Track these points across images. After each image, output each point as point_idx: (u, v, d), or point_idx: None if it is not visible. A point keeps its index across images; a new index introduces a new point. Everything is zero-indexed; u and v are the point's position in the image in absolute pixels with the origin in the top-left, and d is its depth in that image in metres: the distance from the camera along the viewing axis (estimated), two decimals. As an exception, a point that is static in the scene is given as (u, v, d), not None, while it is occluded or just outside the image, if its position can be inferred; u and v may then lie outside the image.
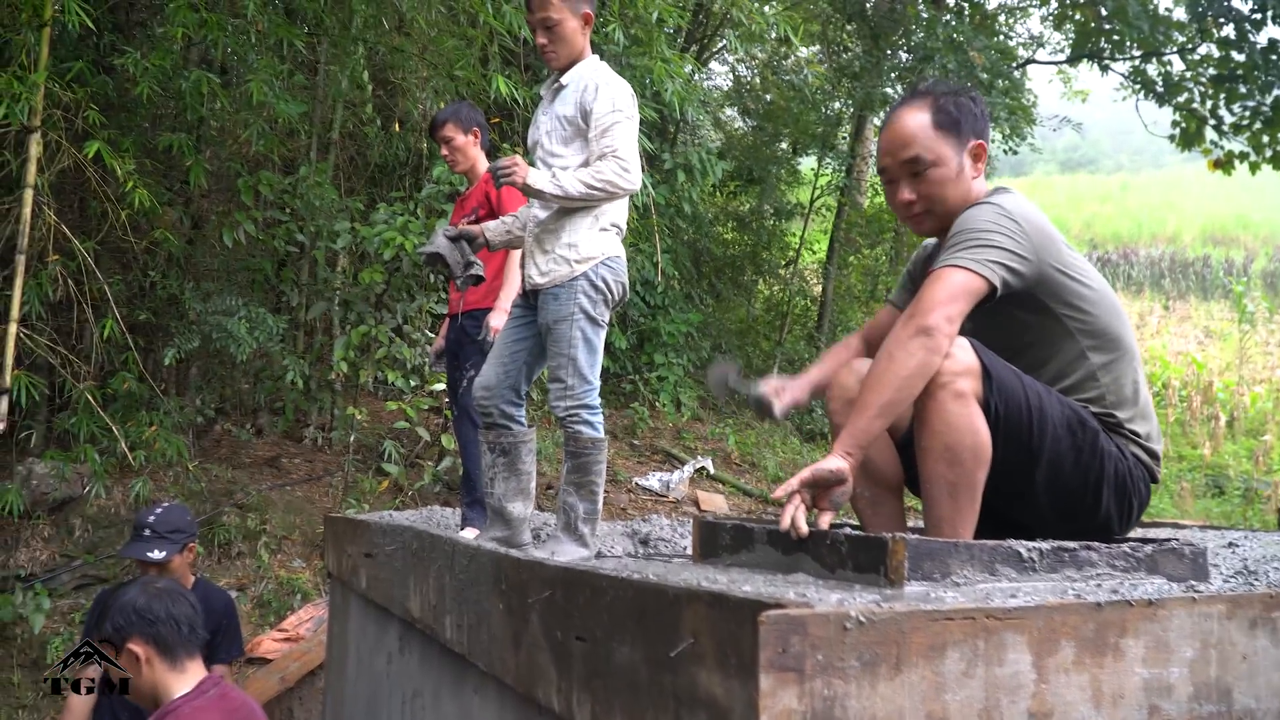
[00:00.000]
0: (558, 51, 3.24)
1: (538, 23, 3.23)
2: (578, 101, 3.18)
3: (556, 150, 3.24)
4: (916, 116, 2.29)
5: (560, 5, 3.20)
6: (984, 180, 2.36)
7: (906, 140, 2.29)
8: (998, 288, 2.08)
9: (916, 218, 2.35)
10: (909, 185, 2.31)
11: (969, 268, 2.07)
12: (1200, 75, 13.21)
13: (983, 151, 2.31)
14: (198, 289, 7.48)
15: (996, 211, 2.15)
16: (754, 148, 14.46)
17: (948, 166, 2.28)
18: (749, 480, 10.25)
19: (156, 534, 3.88)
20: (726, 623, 1.34)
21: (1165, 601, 1.51)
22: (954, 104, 2.29)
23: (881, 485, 2.32)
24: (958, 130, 2.29)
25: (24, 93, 5.51)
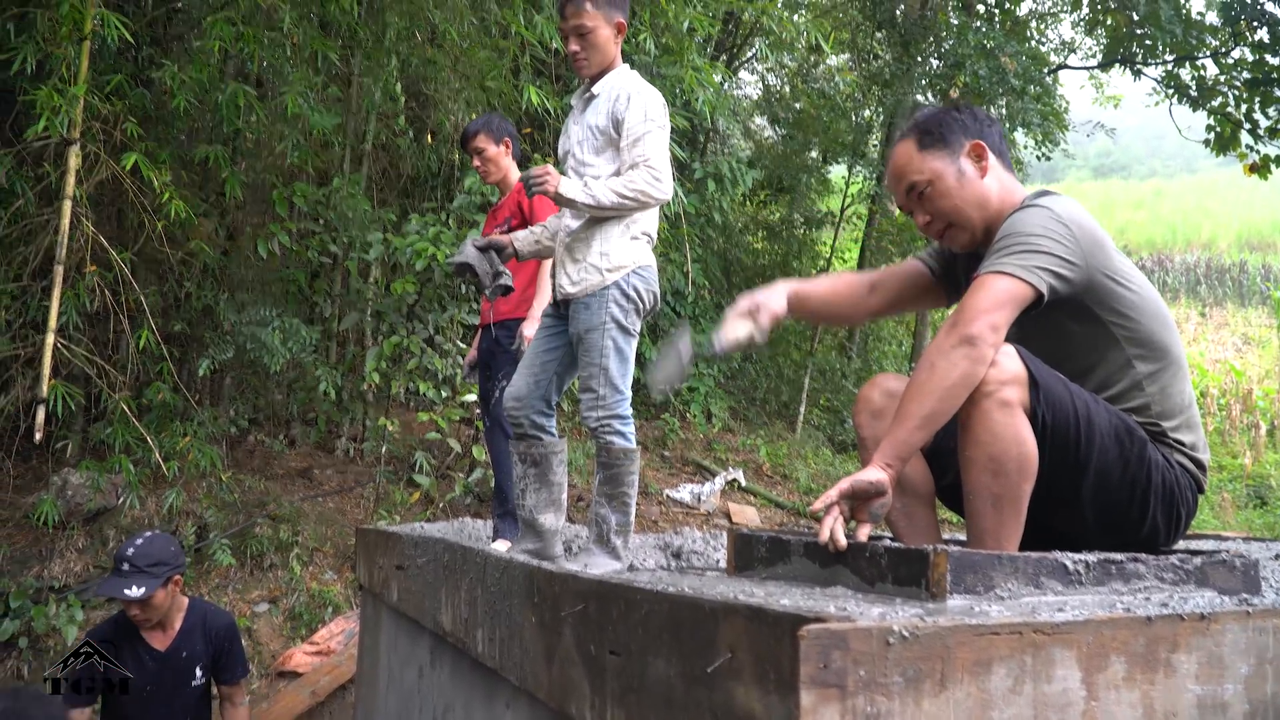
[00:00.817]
0: (589, 59, 3.23)
1: (570, 30, 3.22)
2: (609, 111, 3.17)
3: (588, 159, 3.23)
4: (904, 149, 2.34)
5: (594, 12, 3.19)
6: (1009, 175, 2.33)
7: (899, 174, 2.34)
8: (1044, 295, 2.04)
9: (944, 235, 2.36)
10: (920, 210, 2.34)
11: (1014, 274, 2.03)
12: (1234, 79, 13.05)
13: (983, 150, 2.29)
14: (232, 300, 7.54)
15: (1046, 215, 2.11)
16: (784, 156, 14.43)
17: (945, 178, 2.29)
18: (781, 492, 10.19)
19: (136, 568, 3.68)
20: (765, 637, 1.31)
21: (1218, 615, 1.46)
22: (935, 122, 2.32)
23: (912, 496, 2.28)
24: (945, 143, 2.30)
25: (64, 106, 5.57)
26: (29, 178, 6.29)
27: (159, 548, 3.78)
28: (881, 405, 2.27)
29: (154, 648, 3.88)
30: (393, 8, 7.22)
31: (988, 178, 2.30)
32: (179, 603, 3.95)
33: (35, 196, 6.28)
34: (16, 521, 6.69)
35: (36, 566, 6.46)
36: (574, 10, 3.20)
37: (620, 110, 3.14)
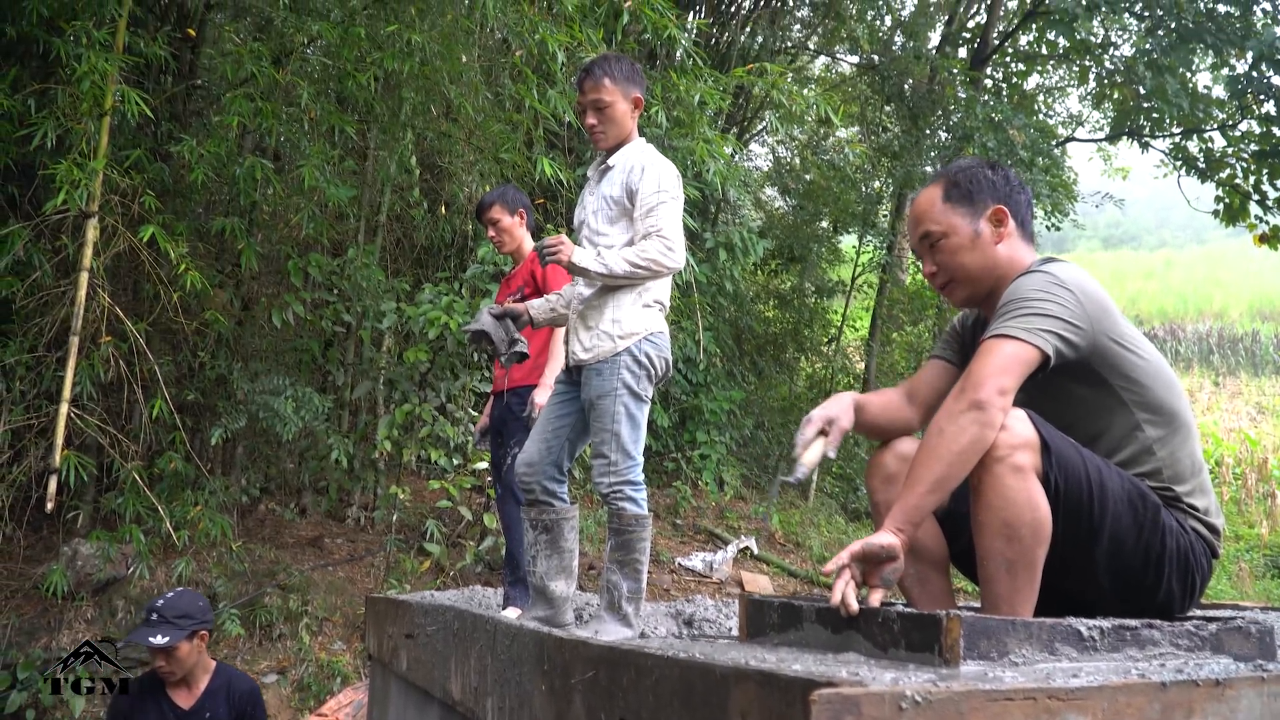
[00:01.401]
0: (606, 132, 3.30)
1: (589, 104, 3.29)
2: (624, 182, 3.23)
3: (602, 229, 3.28)
4: (929, 195, 2.37)
5: (612, 88, 3.28)
6: (1025, 246, 2.35)
7: (919, 218, 2.37)
8: (1051, 357, 2.04)
9: (945, 289, 2.39)
10: (929, 258, 2.37)
11: (1020, 337, 2.03)
12: (1242, 151, 13.17)
13: (1004, 216, 2.31)
14: (246, 369, 7.59)
15: (1048, 280, 2.13)
16: (794, 226, 14.56)
17: (960, 235, 2.31)
18: (793, 560, 10.09)
19: (164, 619, 3.84)
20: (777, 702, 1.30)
21: (1233, 681, 1.44)
22: (966, 176, 2.33)
23: (926, 561, 2.27)
24: (970, 200, 2.32)
25: (83, 179, 5.68)
26: (47, 250, 6.39)
27: (187, 602, 3.94)
28: (895, 470, 2.26)
29: (178, 705, 3.99)
30: (409, 84, 7.38)
31: (1003, 244, 2.32)
32: (205, 662, 4.05)
33: (52, 268, 6.37)
34: (25, 592, 6.66)
35: (45, 638, 6.42)
36: (592, 85, 3.28)
37: (635, 181, 3.20)
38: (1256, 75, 12.20)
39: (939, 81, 13.27)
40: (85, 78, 5.68)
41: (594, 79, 3.30)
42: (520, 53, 7.07)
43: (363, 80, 6.81)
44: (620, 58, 3.41)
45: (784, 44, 14.80)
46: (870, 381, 13.95)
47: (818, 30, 15.31)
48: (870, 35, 14.25)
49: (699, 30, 10.22)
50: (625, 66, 3.35)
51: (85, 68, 5.66)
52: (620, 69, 3.32)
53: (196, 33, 7.95)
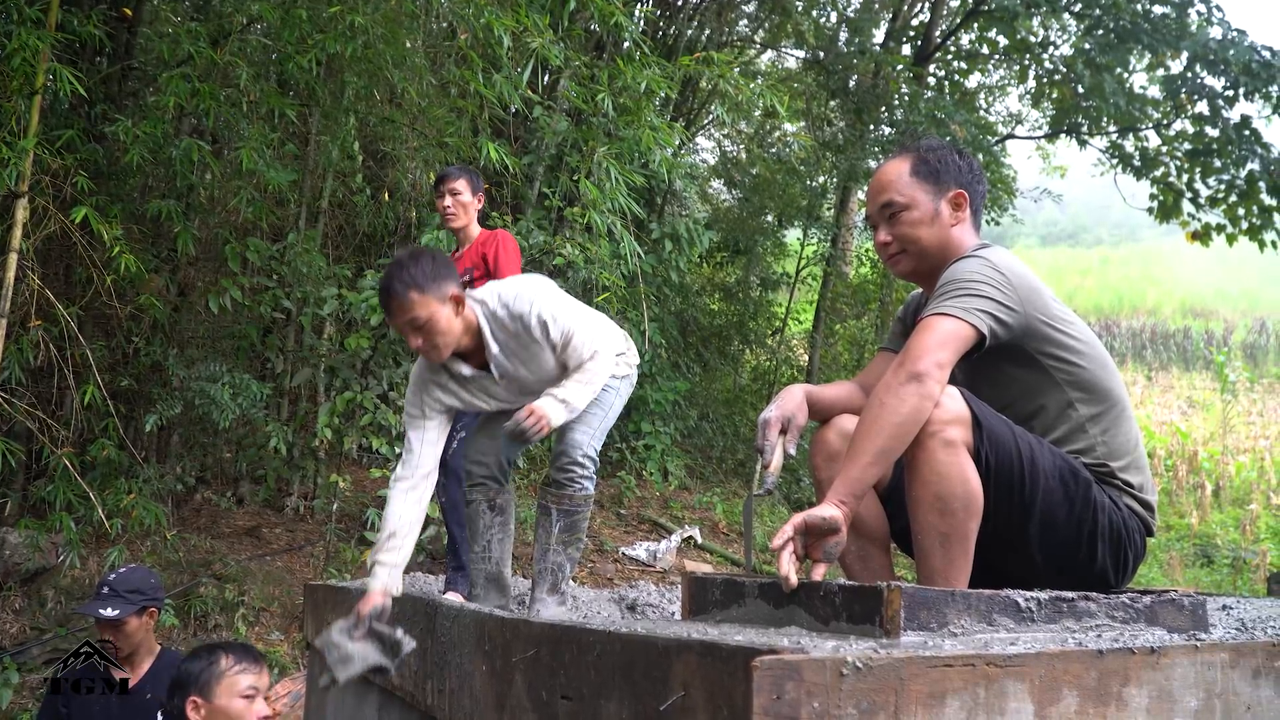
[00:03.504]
0: (439, 345, 2.94)
1: (405, 325, 2.90)
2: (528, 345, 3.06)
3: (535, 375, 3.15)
4: (897, 166, 2.39)
5: (422, 299, 2.86)
6: (973, 233, 2.38)
7: (883, 186, 2.39)
8: (986, 336, 2.08)
9: (893, 259, 2.41)
10: (885, 228, 2.39)
11: (957, 315, 2.07)
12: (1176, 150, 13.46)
13: (963, 200, 2.35)
14: (181, 355, 7.44)
15: (983, 263, 2.17)
16: (740, 220, 14.61)
17: (920, 210, 2.34)
18: (737, 550, 10.14)
19: (114, 593, 3.79)
20: (718, 672, 1.29)
21: (1168, 650, 1.47)
22: (936, 155, 2.36)
23: (867, 538, 2.29)
24: (936, 178, 2.35)
25: (12, 159, 5.53)
26: (-28, 231, 6.21)
27: (139, 578, 3.90)
28: (837, 448, 2.27)
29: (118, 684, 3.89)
30: (351, 67, 7.27)
31: (957, 228, 2.36)
32: (150, 643, 3.98)
33: (-21, 249, 6.19)
34: (-49, 582, 6.48)
35: (-30, 628, 6.25)
36: (399, 306, 2.87)
37: (540, 337, 3.02)
38: (1190, 76, 12.47)
39: (883, 77, 13.38)
40: (15, 55, 5.52)
41: (398, 298, 2.85)
42: (466, 36, 7.00)
43: (304, 63, 6.69)
44: (416, 256, 2.97)
45: (730, 38, 14.83)
46: (814, 373, 14.05)
47: (764, 25, 15.37)
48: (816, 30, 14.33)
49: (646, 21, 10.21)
50: (426, 265, 2.89)
51: (15, 44, 5.51)
52: (421, 271, 2.87)
53: (133, 12, 7.76)
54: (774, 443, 2.27)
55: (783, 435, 2.28)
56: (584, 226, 7.59)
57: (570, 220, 8.08)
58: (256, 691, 2.93)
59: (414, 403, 3.15)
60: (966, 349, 2.07)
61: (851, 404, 2.42)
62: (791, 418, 2.27)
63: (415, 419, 3.13)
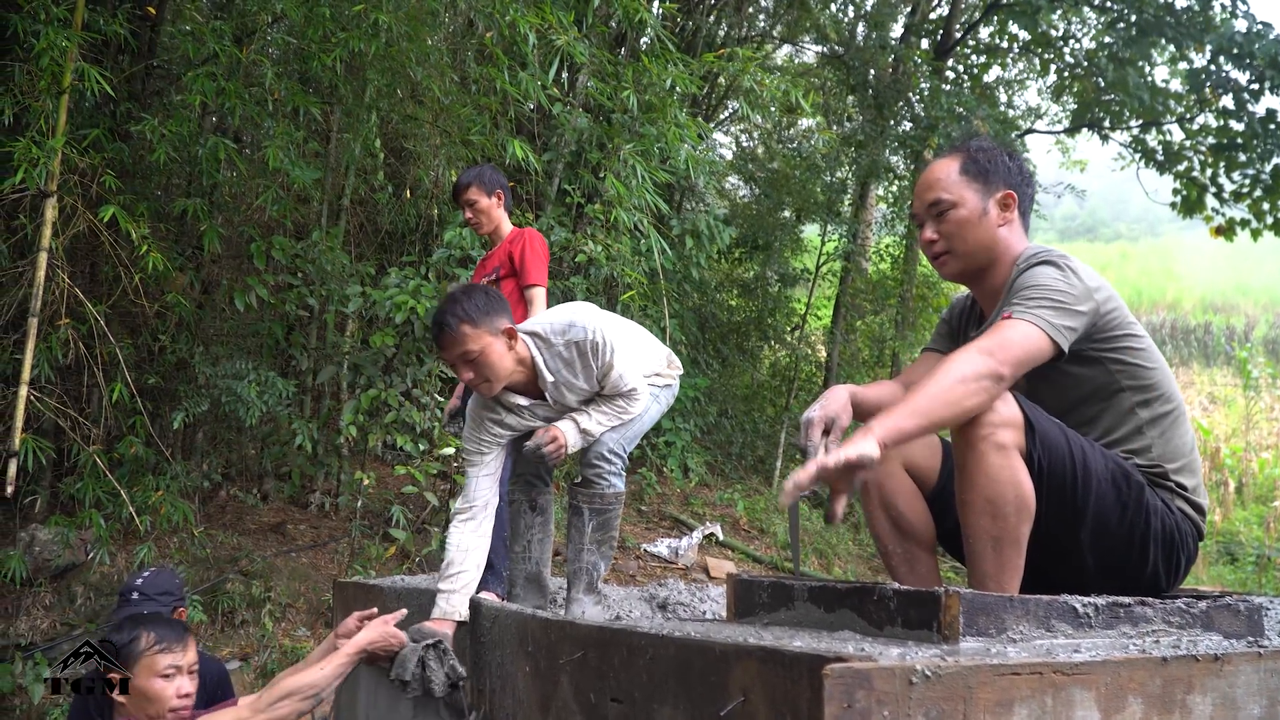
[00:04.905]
0: (491, 379, 2.97)
1: (458, 359, 2.94)
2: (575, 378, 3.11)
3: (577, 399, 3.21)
4: (946, 164, 2.39)
5: (475, 333, 2.89)
6: (1022, 234, 2.37)
7: (931, 184, 2.37)
8: (1064, 354, 2.09)
9: (940, 259, 2.40)
10: (931, 226, 2.38)
11: (1045, 330, 2.07)
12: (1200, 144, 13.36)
13: (1012, 201, 2.34)
14: (207, 353, 7.47)
15: (1062, 274, 2.17)
16: (758, 216, 14.57)
17: (968, 208, 2.33)
18: (758, 547, 10.14)
19: (146, 596, 3.75)
20: (781, 679, 1.29)
21: (1231, 657, 1.46)
22: (986, 155, 2.35)
23: (913, 541, 2.28)
24: (985, 178, 2.34)
25: (42, 158, 5.56)
26: (3, 230, 6.25)
27: (165, 579, 3.86)
28: None
29: None
30: (374, 65, 7.28)
31: (1005, 228, 2.35)
32: None
33: (9, 249, 6.23)
34: (-18, 578, 6.53)
35: (2, 624, 6.30)
36: (451, 340, 2.91)
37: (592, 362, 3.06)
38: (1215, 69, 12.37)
39: (904, 72, 13.32)
40: (43, 54, 5.55)
41: (450, 332, 2.88)
42: (491, 34, 7.00)
43: (327, 61, 6.70)
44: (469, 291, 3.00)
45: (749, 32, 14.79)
46: (833, 370, 14.02)
47: (782, 19, 15.32)
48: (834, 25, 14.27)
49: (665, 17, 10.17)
50: (479, 300, 2.93)
51: (43, 44, 5.54)
52: (474, 305, 2.90)
53: (157, 10, 7.79)
54: (817, 443, 2.25)
55: (826, 436, 2.26)
56: (605, 224, 7.59)
57: (591, 217, 8.08)
58: (177, 670, 2.90)
59: (472, 440, 3.20)
60: (1041, 363, 2.08)
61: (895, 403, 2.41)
62: (835, 418, 2.26)
63: (473, 455, 3.19)
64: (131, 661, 2.90)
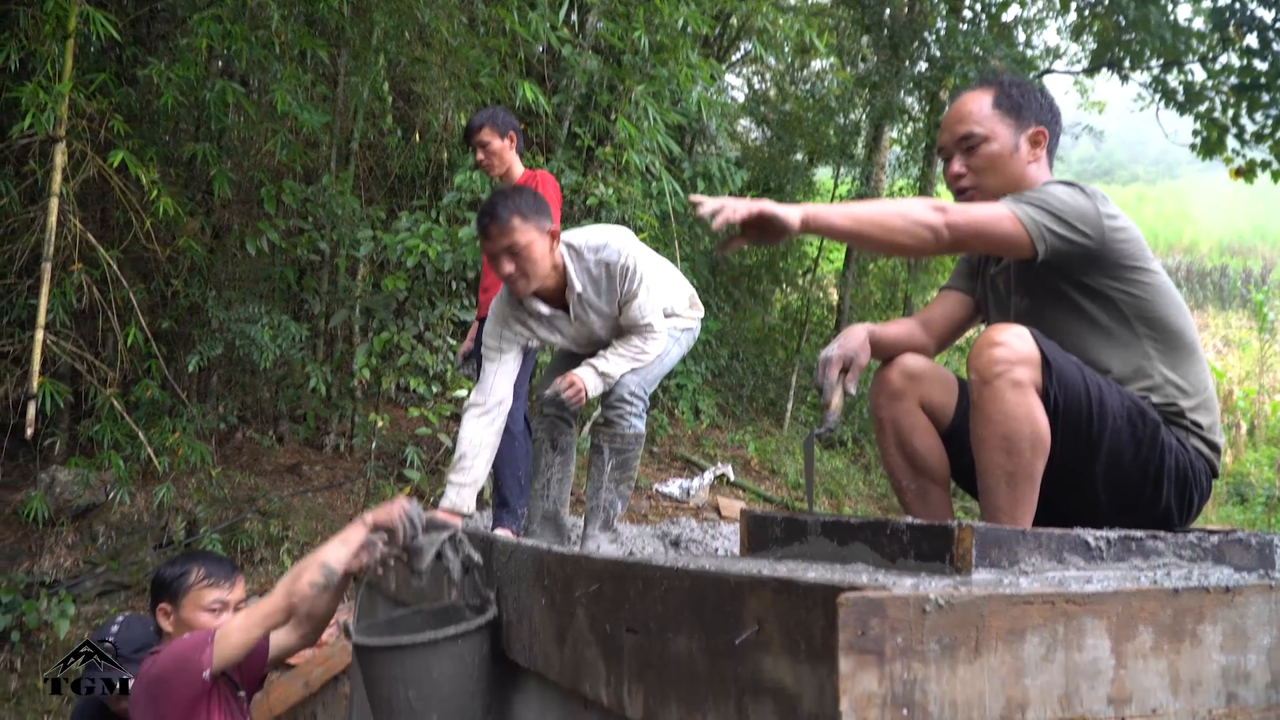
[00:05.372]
0: (529, 275, 3.04)
1: (503, 250, 2.99)
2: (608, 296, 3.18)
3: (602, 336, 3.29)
4: (978, 97, 2.35)
5: (524, 228, 2.97)
6: (1048, 173, 2.35)
7: (963, 117, 2.34)
8: (1038, 255, 2.10)
9: (965, 194, 2.36)
10: (960, 159, 2.35)
11: (1022, 221, 2.09)
12: (1221, 84, 13.13)
13: (1043, 138, 2.32)
14: (220, 297, 7.50)
15: (1072, 190, 2.16)
16: (770, 159, 14.45)
17: (1000, 143, 2.30)
18: (769, 487, 10.20)
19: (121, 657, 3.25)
20: (795, 609, 1.31)
21: (1242, 588, 1.47)
22: (1019, 90, 2.32)
23: (927, 477, 2.29)
24: (1018, 113, 2.31)
25: (49, 103, 5.54)
26: (12, 176, 6.25)
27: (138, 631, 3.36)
28: (900, 387, 2.27)
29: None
30: (380, 6, 7.20)
31: (1033, 165, 2.32)
32: None
33: (20, 195, 6.24)
34: (5, 518, 6.64)
35: (27, 562, 6.41)
36: (499, 229, 2.97)
37: (618, 285, 3.14)
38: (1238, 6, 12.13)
39: (920, 11, 13.11)
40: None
41: (500, 222, 2.95)
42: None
43: (334, 2, 6.63)
44: (521, 189, 3.12)
45: (762, -30, 14.55)
46: (845, 313, 13.98)
47: (796, -43, 15.07)
48: (849, -38, 14.03)
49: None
50: (530, 198, 3.03)
51: (47, -12, 5.50)
52: (525, 201, 3.00)
53: (162, -49, 7.71)
54: (834, 381, 2.26)
55: (843, 374, 2.27)
56: (616, 166, 7.54)
57: (602, 160, 8.03)
58: (223, 605, 2.93)
59: (493, 334, 3.26)
60: (1008, 251, 2.12)
61: (914, 343, 2.41)
62: (854, 357, 2.26)
63: (492, 350, 3.25)
64: (180, 594, 2.95)
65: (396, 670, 2.32)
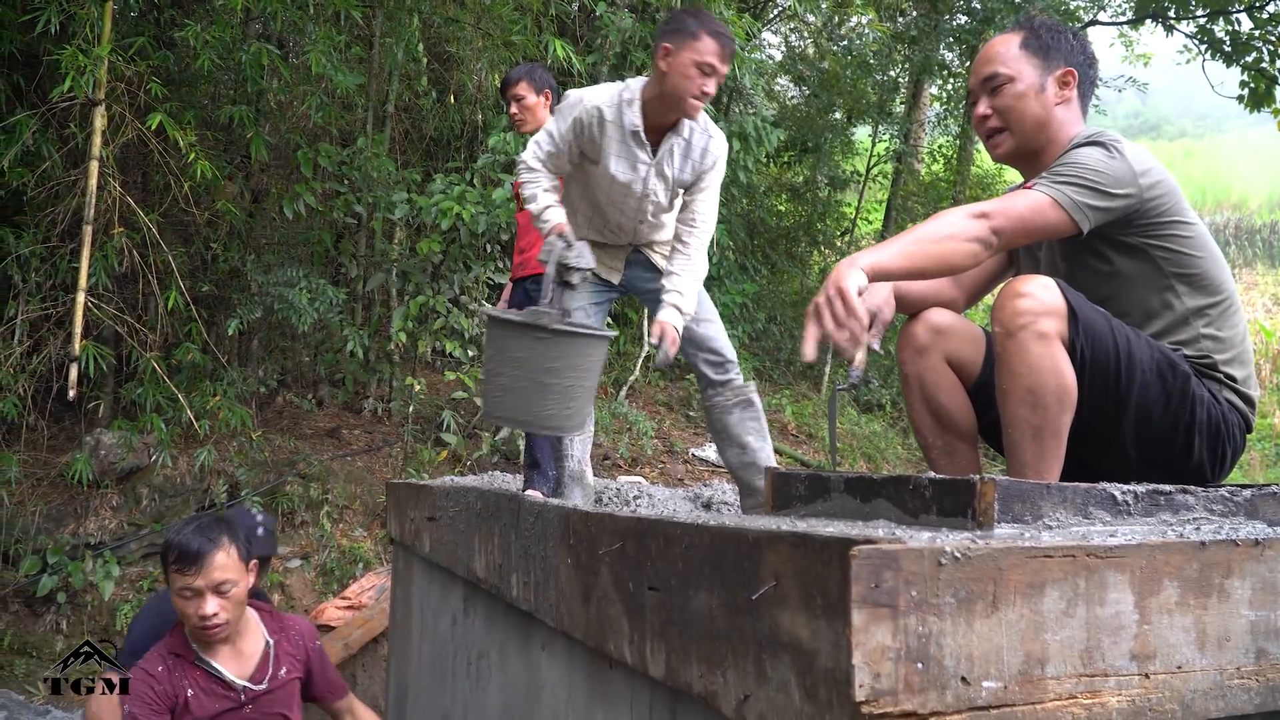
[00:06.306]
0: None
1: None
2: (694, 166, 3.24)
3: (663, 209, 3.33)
4: (1007, 39, 2.32)
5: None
6: (1079, 116, 2.29)
7: (989, 59, 2.31)
8: (1083, 233, 2.05)
9: (993, 137, 2.33)
10: (986, 101, 2.31)
11: (1063, 204, 2.03)
12: (1270, 34, 12.78)
13: (1071, 79, 2.26)
14: (259, 261, 7.56)
15: (1107, 156, 2.09)
16: (808, 117, 14.29)
17: (1025, 83, 2.26)
18: (806, 451, 10.18)
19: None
20: (812, 563, 1.29)
21: (1272, 542, 1.44)
22: (1048, 30, 2.28)
23: (954, 433, 2.26)
24: (1046, 54, 2.27)
25: (89, 66, 5.58)
26: (55, 139, 6.31)
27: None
28: (926, 341, 2.23)
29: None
30: (414, -35, 7.17)
31: (1061, 106, 2.27)
32: None
33: (62, 158, 6.31)
34: (51, 480, 6.77)
35: (72, 524, 6.55)
36: (731, 53, 3.16)
37: (703, 170, 3.23)
38: (1288, -48, 11.78)
39: (960, -38, 12.86)
40: (85, -39, 5.54)
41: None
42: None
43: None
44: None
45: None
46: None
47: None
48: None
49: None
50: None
51: (86, -50, 5.52)
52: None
53: (196, -86, 7.71)
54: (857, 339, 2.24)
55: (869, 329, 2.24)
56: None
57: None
58: (193, 593, 2.75)
59: (562, 122, 3.25)
60: (1054, 235, 2.06)
61: (940, 297, 2.37)
62: (878, 312, 2.24)
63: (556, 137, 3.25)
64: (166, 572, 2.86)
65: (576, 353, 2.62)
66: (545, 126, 3.30)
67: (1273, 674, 1.43)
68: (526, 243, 4.27)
